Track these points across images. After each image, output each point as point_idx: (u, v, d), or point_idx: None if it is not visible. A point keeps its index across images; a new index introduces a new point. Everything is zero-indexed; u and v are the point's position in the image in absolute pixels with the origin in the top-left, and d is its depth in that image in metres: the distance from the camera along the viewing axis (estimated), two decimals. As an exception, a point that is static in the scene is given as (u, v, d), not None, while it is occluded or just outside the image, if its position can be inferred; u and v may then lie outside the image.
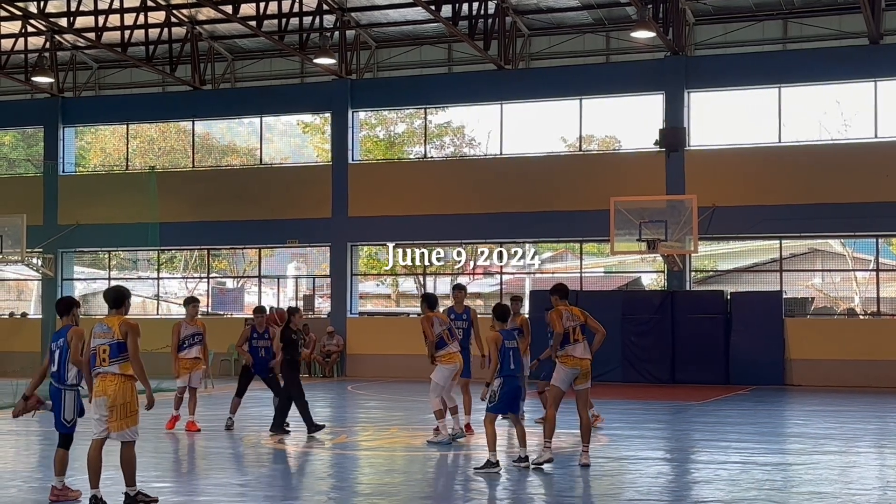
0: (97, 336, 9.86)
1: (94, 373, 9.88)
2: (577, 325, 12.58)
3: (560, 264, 37.34)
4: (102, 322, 9.94)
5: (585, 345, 12.60)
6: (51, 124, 33.93)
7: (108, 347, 9.75)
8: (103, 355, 9.76)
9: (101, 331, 9.86)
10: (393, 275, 37.23)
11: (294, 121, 35.06)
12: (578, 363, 12.44)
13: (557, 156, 30.62)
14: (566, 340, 12.46)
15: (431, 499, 10.90)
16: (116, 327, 9.79)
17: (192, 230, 32.15)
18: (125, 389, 9.79)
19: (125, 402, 9.79)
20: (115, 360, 9.75)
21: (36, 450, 15.38)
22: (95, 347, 9.84)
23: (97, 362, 9.81)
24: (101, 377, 9.79)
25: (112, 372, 9.75)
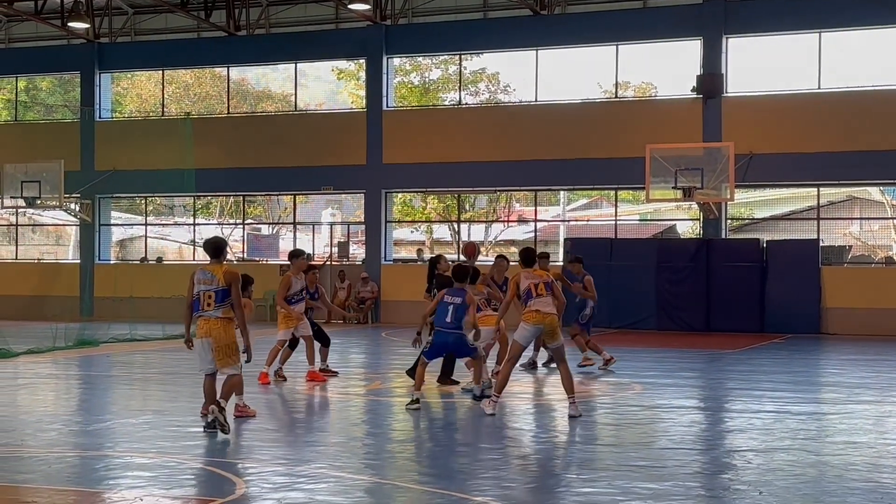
0: (201, 282, 10.77)
1: (196, 315, 10.83)
2: (539, 281, 12.39)
3: (594, 211, 37.25)
4: (206, 269, 10.82)
5: (549, 300, 12.38)
6: (87, 70, 34.02)
7: (212, 294, 10.71)
8: (208, 300, 10.70)
9: (204, 278, 10.77)
10: (427, 222, 37.27)
11: (329, 67, 34.94)
12: (541, 318, 12.29)
13: (593, 103, 30.38)
14: (528, 296, 12.34)
15: (466, 446, 10.98)
16: (221, 276, 10.72)
17: (227, 176, 32.26)
18: (228, 331, 10.78)
19: (228, 343, 10.80)
20: (220, 306, 10.71)
21: (76, 393, 15.61)
22: (199, 293, 10.75)
23: (202, 307, 10.74)
24: (204, 320, 10.76)
25: (216, 316, 10.73)
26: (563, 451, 10.45)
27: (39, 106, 37.34)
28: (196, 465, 9.44)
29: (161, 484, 8.80)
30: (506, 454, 10.34)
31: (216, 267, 10.84)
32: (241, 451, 10.36)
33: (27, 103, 37.05)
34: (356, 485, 8.73)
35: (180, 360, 19.49)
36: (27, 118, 36.23)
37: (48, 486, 8.64)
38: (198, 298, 10.80)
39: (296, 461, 9.65)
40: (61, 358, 19.55)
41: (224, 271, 10.79)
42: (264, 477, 8.95)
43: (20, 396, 14.87)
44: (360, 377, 16.12)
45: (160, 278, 31.53)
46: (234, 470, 9.17)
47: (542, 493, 8.44)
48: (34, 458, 9.89)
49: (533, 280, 12.36)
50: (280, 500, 8.08)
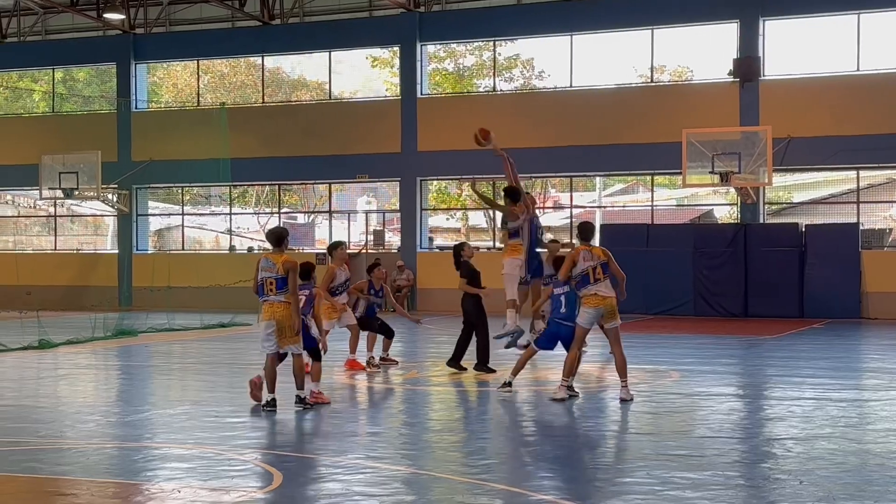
0: (264, 270, 11.65)
1: (262, 300, 11.68)
2: (598, 264, 12.36)
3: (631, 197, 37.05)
4: (268, 258, 11.69)
5: (607, 284, 12.39)
6: (123, 61, 34.22)
7: (274, 281, 11.57)
8: (270, 286, 11.58)
9: (267, 265, 11.65)
10: (463, 209, 37.22)
11: (363, 55, 34.92)
12: (601, 301, 12.30)
13: (628, 87, 30.18)
14: (586, 281, 12.31)
15: (504, 436, 10.95)
16: (280, 264, 11.55)
17: (263, 165, 32.36)
18: (289, 314, 11.57)
19: (290, 325, 11.58)
20: (281, 291, 11.56)
21: (115, 384, 15.72)
22: (263, 279, 11.63)
23: (265, 291, 11.62)
24: (269, 304, 11.62)
25: (279, 300, 11.57)
26: (601, 441, 10.39)
27: (76, 97, 37.59)
28: (234, 456, 9.46)
29: (199, 475, 8.83)
30: (543, 444, 10.30)
31: (277, 256, 11.67)
32: (279, 442, 10.37)
33: (64, 95, 37.32)
34: (393, 476, 8.71)
35: (218, 350, 19.60)
36: (64, 110, 36.49)
37: (87, 478, 8.69)
38: (262, 284, 11.65)
39: (332, 452, 9.65)
40: (100, 348, 19.70)
41: (283, 260, 11.59)
42: (302, 468, 8.95)
43: (60, 387, 14.99)
44: (396, 366, 16.10)
45: (197, 268, 31.75)
46: (272, 461, 9.18)
47: (580, 483, 8.38)
48: (73, 449, 9.95)
49: (591, 263, 12.34)
50: (317, 491, 8.08)
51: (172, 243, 36.39)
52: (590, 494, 8.01)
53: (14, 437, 10.52)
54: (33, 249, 37.63)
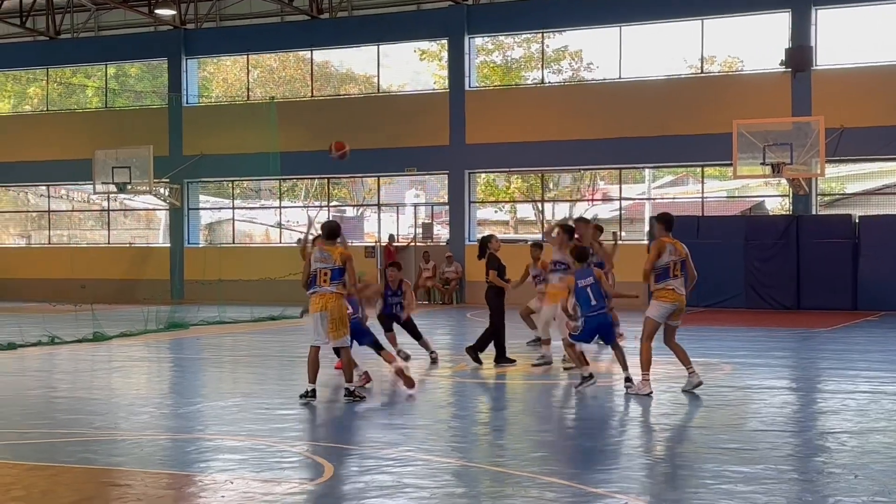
0: (318, 261, 11.82)
1: (312, 291, 11.82)
2: (679, 260, 12.30)
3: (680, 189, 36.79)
4: (323, 250, 11.89)
5: (682, 282, 12.34)
6: (174, 56, 34.53)
7: (329, 271, 11.79)
8: (324, 277, 11.78)
9: (322, 256, 11.84)
10: (511, 201, 37.16)
11: (411, 48, 34.95)
12: (676, 298, 12.25)
13: (678, 78, 29.95)
14: (666, 275, 12.23)
15: (552, 431, 10.92)
16: (337, 256, 11.80)
17: (312, 159, 32.48)
18: (340, 305, 11.87)
19: (341, 316, 11.85)
20: (334, 282, 11.78)
21: (167, 376, 15.88)
22: (316, 270, 11.80)
23: (319, 282, 11.79)
24: (319, 295, 11.79)
25: (331, 291, 11.77)
26: (651, 434, 10.33)
27: (128, 93, 37.99)
28: (285, 447, 9.52)
29: (251, 467, 8.90)
30: (592, 437, 10.26)
31: (332, 248, 11.90)
32: (330, 434, 10.42)
33: (117, 90, 37.72)
34: (443, 468, 8.73)
35: (269, 343, 19.74)
36: (117, 105, 36.90)
37: (141, 469, 8.80)
38: (315, 275, 11.80)
39: (383, 444, 9.69)
40: (152, 341, 19.92)
41: (340, 252, 11.89)
42: (352, 460, 9.00)
43: (114, 379, 15.17)
44: (445, 359, 16.11)
45: (248, 261, 32.00)
46: (323, 453, 9.23)
47: (630, 476, 8.34)
48: (128, 440, 10.07)
49: (673, 258, 12.33)
50: (368, 483, 8.11)
51: (223, 237, 36.69)
52: (640, 488, 7.97)
53: (69, 428, 10.66)
54: (87, 243, 38.10)
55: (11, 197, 40.34)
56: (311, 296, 11.91)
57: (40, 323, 22.30)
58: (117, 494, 8.05)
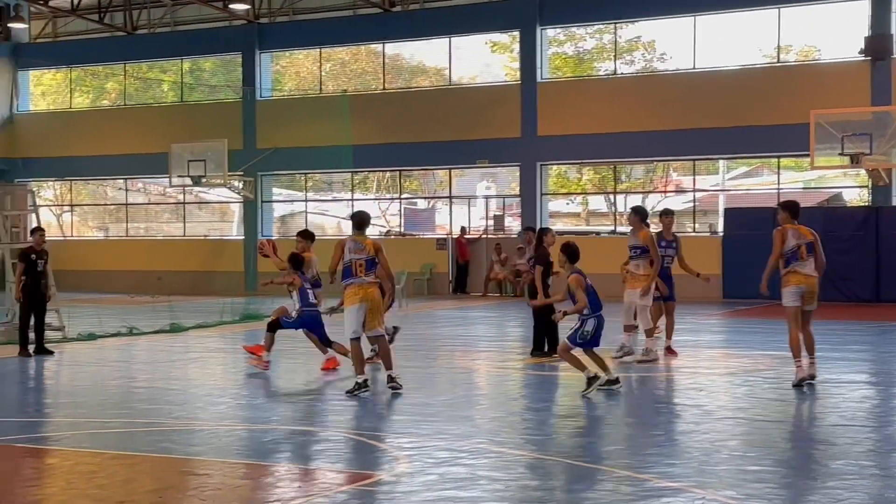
0: (352, 251, 11.79)
1: (348, 282, 11.80)
2: (805, 243, 12.15)
3: (755, 180, 36.28)
4: (355, 240, 11.86)
5: (811, 265, 12.15)
6: (248, 50, 34.88)
7: (363, 262, 11.77)
8: (360, 267, 11.76)
9: (356, 247, 11.81)
10: (583, 193, 36.98)
11: (482, 40, 34.89)
12: (804, 280, 12.08)
13: (753, 68, 29.52)
14: (792, 258, 12.08)
15: (627, 424, 10.86)
16: (370, 246, 11.80)
17: (383, 151, 32.64)
18: (377, 294, 11.92)
19: (379, 306, 11.96)
20: (370, 272, 11.82)
21: (242, 367, 16.05)
22: (351, 261, 11.77)
23: (354, 273, 11.77)
24: (357, 286, 11.77)
25: (368, 281, 11.81)
26: (729, 428, 10.21)
27: (203, 87, 38.45)
28: (360, 439, 9.58)
29: (326, 457, 8.98)
30: (668, 430, 10.19)
31: (365, 239, 11.91)
32: (403, 425, 10.46)
33: (192, 84, 38.21)
34: (517, 460, 8.73)
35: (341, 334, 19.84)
36: (192, 99, 37.37)
37: (219, 459, 8.92)
38: (349, 266, 11.78)
39: (456, 436, 9.71)
40: (228, 332, 20.16)
41: (371, 242, 11.88)
42: (426, 451, 9.02)
43: (191, 370, 15.40)
44: (517, 351, 16.09)
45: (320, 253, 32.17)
46: (397, 444, 9.28)
47: (708, 471, 8.26)
48: (205, 430, 10.22)
49: (799, 241, 12.20)
50: (442, 476, 8.13)
51: (295, 229, 36.97)
52: (718, 482, 7.89)
53: (149, 417, 10.85)
54: (163, 236, 38.68)
55: (90, 190, 41.09)
56: (347, 287, 11.85)
57: (119, 314, 22.71)
58: (196, 484, 8.18)
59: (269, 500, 7.62)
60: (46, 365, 15.42)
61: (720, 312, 22.78)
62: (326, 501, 7.51)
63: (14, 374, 14.57)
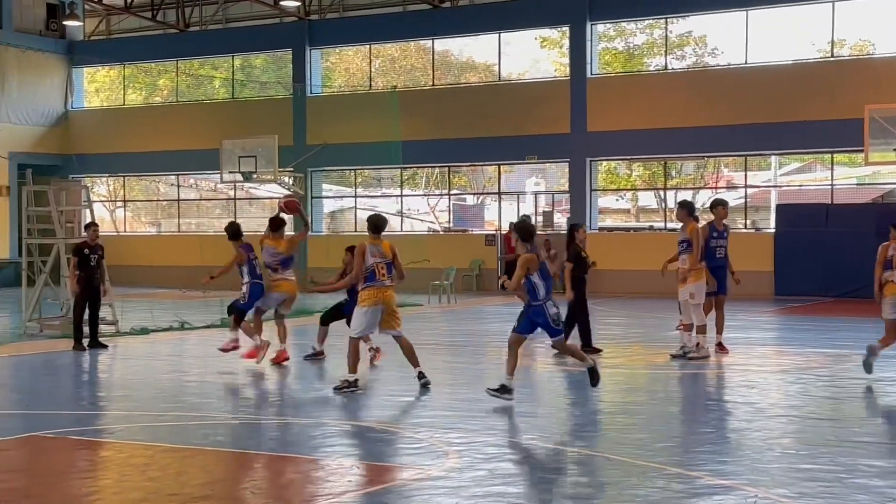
0: (374, 255, 11.89)
1: (368, 285, 11.84)
2: None
3: (808, 176, 35.87)
4: (375, 244, 11.96)
5: None
6: (298, 47, 35.05)
7: (385, 265, 11.93)
8: (382, 271, 11.88)
9: (376, 251, 11.93)
10: (633, 189, 36.79)
11: (532, 35, 34.79)
12: None
13: (806, 63, 29.19)
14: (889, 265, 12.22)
15: (678, 421, 10.79)
16: (388, 249, 11.97)
17: (432, 147, 32.65)
18: (394, 297, 12.10)
19: (394, 307, 12.11)
20: (390, 276, 11.96)
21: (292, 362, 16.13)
22: (374, 265, 11.87)
23: (377, 277, 11.86)
24: (377, 289, 11.85)
25: (388, 284, 11.94)
26: (781, 426, 10.10)
27: (254, 83, 38.72)
28: (408, 434, 9.61)
29: (376, 452, 9.01)
30: (720, 427, 10.11)
31: (384, 242, 12.07)
32: (452, 420, 10.47)
33: (243, 81, 38.47)
34: (567, 456, 8.70)
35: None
36: (243, 95, 37.63)
37: (269, 453, 8.99)
38: (373, 270, 11.86)
39: (505, 432, 9.71)
40: (278, 327, 20.20)
41: (388, 244, 12.06)
42: (475, 447, 9.02)
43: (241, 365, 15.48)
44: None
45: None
46: (446, 440, 9.29)
47: (760, 469, 8.19)
48: (256, 425, 10.29)
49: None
50: (492, 471, 8.13)
51: (345, 225, 37.15)
52: (771, 480, 7.82)
53: (200, 411, 10.95)
54: (214, 231, 38.98)
55: (143, 186, 41.53)
56: (365, 289, 11.86)
57: (171, 309, 22.94)
58: (247, 477, 8.25)
59: (320, 494, 7.66)
60: (100, 358, 15.61)
61: (771, 310, 22.56)
62: (375, 495, 7.54)
63: (68, 368, 14.77)
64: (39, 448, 9.28)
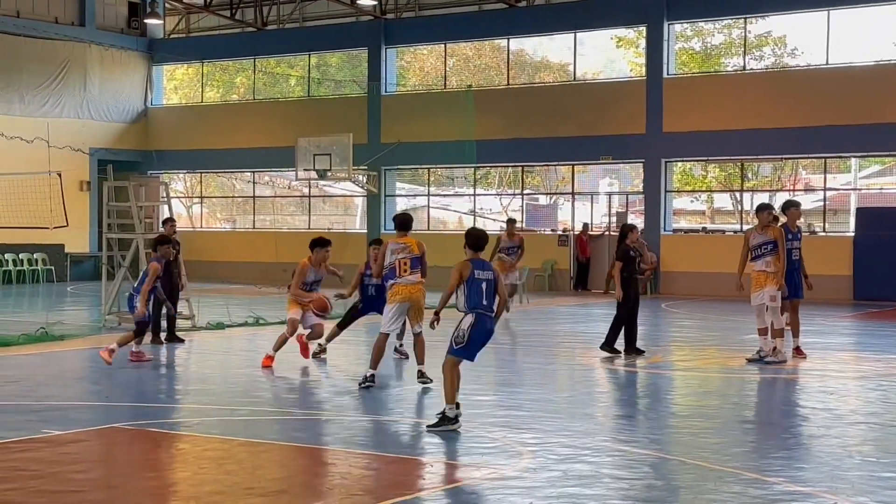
0: (395, 252, 12.07)
1: (393, 282, 12.05)
2: None
3: (889, 179, 35.23)
4: (397, 241, 12.18)
5: None
6: (374, 46, 35.22)
7: (409, 260, 12.08)
8: (405, 266, 12.04)
9: (398, 247, 12.11)
10: (708, 191, 36.40)
11: (607, 35, 34.60)
12: None
13: (888, 63, 28.60)
14: None
15: (754, 426, 10.65)
16: (414, 245, 12.14)
17: (506, 147, 32.60)
18: (422, 293, 12.28)
19: (420, 305, 12.30)
20: (415, 271, 12.12)
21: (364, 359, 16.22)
22: (395, 261, 12.04)
23: (399, 273, 12.02)
24: (402, 285, 12.05)
25: (413, 281, 12.11)
26: (860, 433, 9.92)
27: (329, 82, 39.00)
28: (483, 433, 9.60)
29: (450, 451, 9.02)
30: (796, 433, 9.96)
31: (409, 238, 12.23)
32: (525, 421, 10.45)
33: (318, 79, 38.76)
34: (641, 459, 8.64)
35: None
36: (318, 94, 37.91)
37: (344, 449, 9.04)
38: (394, 267, 12.08)
39: (578, 433, 9.66)
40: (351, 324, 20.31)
41: (416, 242, 12.23)
42: (549, 448, 9.00)
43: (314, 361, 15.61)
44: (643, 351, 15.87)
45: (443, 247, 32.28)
46: (520, 440, 9.27)
47: (839, 476, 8.05)
48: (331, 420, 10.37)
49: None
50: (566, 472, 8.10)
51: (418, 223, 37.26)
52: (849, 488, 7.68)
53: (274, 406, 11.05)
54: (288, 228, 39.35)
55: (219, 183, 42.06)
56: (392, 287, 12.12)
57: (246, 304, 23.19)
58: (322, 472, 8.31)
59: (393, 491, 7.70)
60: (177, 353, 15.84)
61: (851, 314, 22.18)
62: (449, 494, 7.55)
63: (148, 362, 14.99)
64: (117, 440, 9.45)
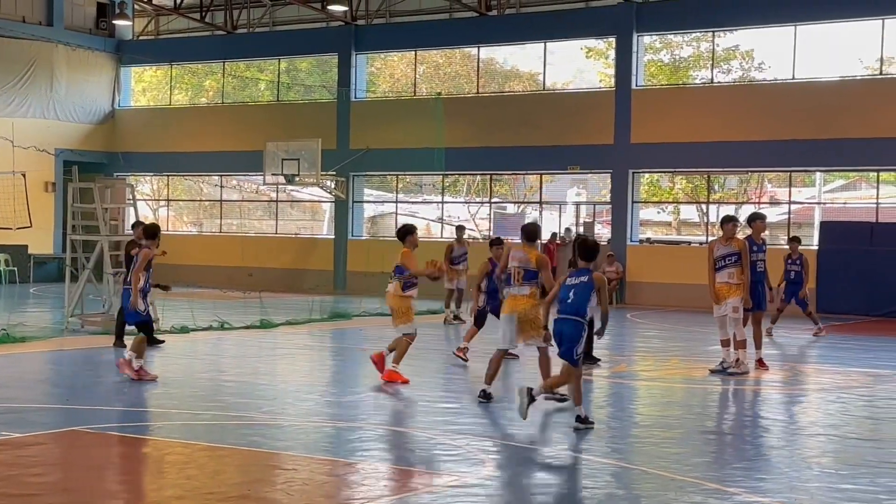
0: (515, 259, 11.78)
1: (507, 290, 11.82)
2: None
3: (853, 193, 35.59)
4: (519, 250, 11.86)
5: None
6: (344, 52, 35.18)
7: (523, 271, 11.66)
8: (518, 276, 11.67)
9: (519, 255, 11.77)
10: (674, 202, 36.62)
11: (577, 46, 34.76)
12: None
13: (854, 79, 28.92)
14: None
15: (715, 437, 10.72)
16: (534, 259, 11.66)
17: (475, 155, 32.64)
18: (531, 307, 11.53)
19: (533, 318, 11.49)
20: (527, 283, 11.61)
21: (329, 364, 16.23)
22: (512, 268, 11.76)
23: (514, 281, 11.71)
24: (512, 297, 11.68)
25: (522, 293, 11.61)
26: (820, 444, 10.02)
27: (299, 86, 38.92)
28: (445, 440, 9.61)
29: (411, 458, 9.02)
30: (756, 444, 10.03)
31: (531, 250, 11.82)
32: (489, 429, 10.46)
33: (288, 84, 38.69)
34: (603, 469, 8.67)
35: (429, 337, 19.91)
36: (287, 98, 37.83)
37: (306, 455, 9.02)
38: (510, 275, 11.77)
39: (541, 442, 9.68)
40: (316, 330, 20.35)
41: (536, 256, 11.74)
42: (511, 456, 9.02)
43: (279, 366, 15.59)
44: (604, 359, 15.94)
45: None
46: (482, 448, 9.28)
47: (799, 487, 8.12)
48: (293, 426, 10.34)
49: None
50: (529, 480, 8.11)
51: (385, 230, 37.22)
52: (810, 499, 7.75)
53: (238, 411, 11.01)
54: (255, 233, 39.24)
55: (186, 186, 41.85)
56: (506, 295, 11.89)
57: (211, 308, 23.09)
58: (283, 479, 8.28)
59: (354, 498, 7.68)
60: (140, 355, 15.70)
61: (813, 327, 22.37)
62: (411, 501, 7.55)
63: (109, 364, 14.87)
64: (77, 443, 9.38)
